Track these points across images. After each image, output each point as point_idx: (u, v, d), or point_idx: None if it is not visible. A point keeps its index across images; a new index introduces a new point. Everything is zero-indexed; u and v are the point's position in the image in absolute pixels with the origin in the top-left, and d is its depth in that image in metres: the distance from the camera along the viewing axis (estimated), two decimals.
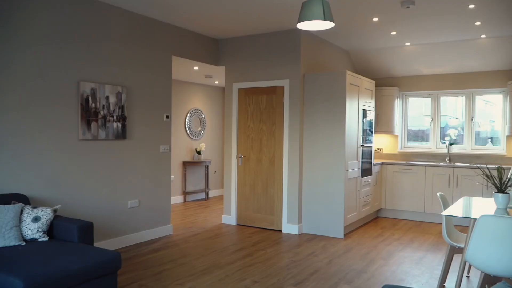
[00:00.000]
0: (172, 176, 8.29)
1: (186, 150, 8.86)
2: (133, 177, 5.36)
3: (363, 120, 6.51)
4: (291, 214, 6.12)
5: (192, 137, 8.96)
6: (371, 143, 6.89)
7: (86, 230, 3.71)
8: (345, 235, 6.00)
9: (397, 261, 4.82)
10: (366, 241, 5.73)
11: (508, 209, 3.62)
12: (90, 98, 4.75)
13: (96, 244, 4.86)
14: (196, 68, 7.12)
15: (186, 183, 8.79)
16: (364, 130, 6.57)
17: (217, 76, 8.09)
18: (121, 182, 5.20)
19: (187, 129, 8.82)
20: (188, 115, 8.84)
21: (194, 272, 4.32)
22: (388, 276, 4.29)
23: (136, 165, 5.40)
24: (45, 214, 3.70)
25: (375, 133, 7.59)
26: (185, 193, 8.74)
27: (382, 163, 7.38)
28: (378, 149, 8.05)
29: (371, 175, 6.87)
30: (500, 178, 3.56)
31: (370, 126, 6.86)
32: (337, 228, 5.92)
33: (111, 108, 5.01)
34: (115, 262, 3.33)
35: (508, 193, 3.58)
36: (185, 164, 8.72)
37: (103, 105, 4.91)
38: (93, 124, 4.80)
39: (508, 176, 3.82)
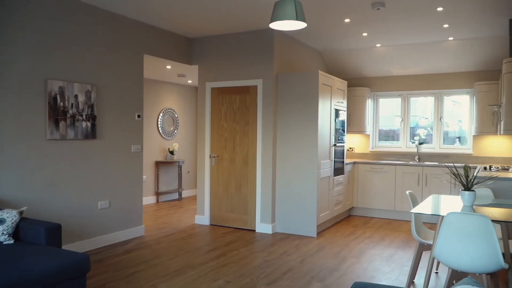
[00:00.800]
0: (144, 176, 8.16)
1: (159, 150, 8.75)
2: (103, 178, 5.25)
3: (335, 120, 6.58)
4: (265, 214, 6.14)
5: (165, 136, 8.86)
6: (343, 142, 6.97)
7: (53, 232, 3.61)
8: (317, 233, 6.06)
9: (368, 259, 4.89)
10: (338, 239, 5.80)
11: (474, 207, 3.72)
12: (58, 96, 4.62)
13: (65, 247, 4.73)
14: (168, 67, 7.04)
15: (159, 183, 8.68)
16: (336, 129, 6.65)
17: (190, 75, 8.02)
18: (91, 182, 5.09)
19: (159, 128, 8.71)
20: (161, 114, 8.74)
21: (167, 273, 4.27)
22: (360, 274, 4.35)
23: (107, 166, 5.30)
24: (11, 216, 3.58)
25: (347, 133, 7.69)
26: (157, 194, 8.63)
27: (354, 163, 7.48)
28: (350, 148, 8.16)
29: (343, 174, 6.96)
30: (467, 177, 3.66)
31: (342, 125, 6.94)
32: (310, 227, 5.96)
33: (80, 107, 4.89)
34: (83, 265, 3.25)
35: (474, 191, 3.68)
36: (158, 164, 8.61)
37: (72, 104, 4.79)
38: (62, 124, 4.68)
39: (474, 175, 3.93)
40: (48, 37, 4.55)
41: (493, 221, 3.01)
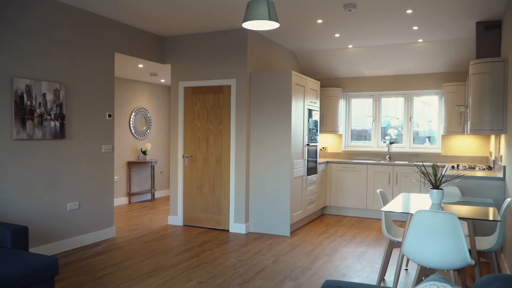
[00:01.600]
0: (115, 177, 8.03)
1: (131, 150, 8.62)
2: (72, 179, 5.13)
3: (308, 120, 6.63)
4: (238, 214, 6.13)
5: (137, 136, 8.73)
6: (317, 142, 7.04)
7: (20, 234, 3.50)
8: (291, 233, 6.09)
9: (340, 257, 4.95)
10: (311, 238, 5.85)
11: (442, 204, 3.82)
12: (25, 95, 4.49)
13: (32, 250, 4.60)
14: (140, 65, 6.94)
15: (131, 184, 8.55)
16: (309, 129, 6.70)
17: (163, 75, 7.93)
18: (59, 184, 4.96)
19: (131, 128, 8.58)
20: (133, 114, 8.60)
21: (138, 275, 4.20)
22: (332, 272, 4.40)
23: (76, 166, 5.18)
24: None
25: (320, 133, 7.77)
26: (129, 194, 8.50)
27: (327, 162, 7.56)
28: (323, 148, 8.25)
29: (316, 173, 7.02)
30: (435, 175, 3.75)
31: (315, 125, 7.00)
32: (283, 226, 5.99)
33: (49, 106, 4.76)
34: (51, 268, 3.17)
35: (442, 189, 3.77)
36: (130, 164, 8.48)
37: (40, 103, 4.66)
38: (29, 123, 4.54)
39: (442, 173, 4.03)
40: (14, 34, 4.41)
41: (460, 218, 3.09)
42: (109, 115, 5.64)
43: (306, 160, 6.57)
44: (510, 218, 4.07)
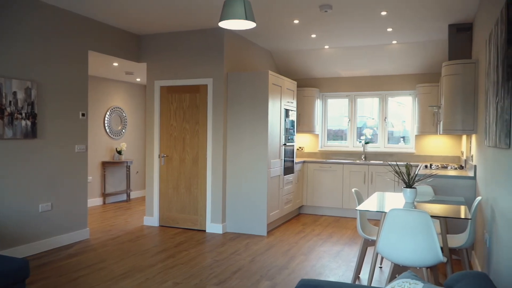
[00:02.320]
0: (89, 178, 7.88)
1: (106, 150, 8.47)
2: (45, 179, 5.01)
3: (285, 120, 6.66)
4: (215, 214, 6.10)
5: (112, 136, 8.59)
6: (293, 142, 7.07)
7: None
8: (268, 232, 6.10)
9: (316, 256, 4.99)
10: (288, 237, 5.87)
11: (415, 203, 3.89)
12: None
13: (2, 252, 4.47)
14: (115, 64, 6.84)
15: (106, 184, 8.41)
16: (286, 129, 6.73)
17: (139, 73, 7.83)
18: (31, 184, 4.84)
19: (106, 128, 8.44)
20: (108, 113, 8.46)
21: (113, 277, 4.14)
22: (308, 271, 4.43)
23: (49, 166, 5.06)
24: None
25: (297, 133, 7.81)
26: (104, 195, 8.36)
27: (304, 162, 7.61)
28: (299, 148, 8.30)
29: (293, 173, 7.05)
30: (408, 175, 3.82)
31: (292, 125, 7.04)
32: (260, 226, 6.00)
33: (19, 105, 4.64)
34: (22, 270, 3.08)
35: (415, 188, 3.85)
36: (105, 164, 8.33)
37: (10, 101, 4.53)
38: None
39: (416, 173, 4.11)
40: None
41: (432, 216, 3.16)
42: (83, 114, 5.53)
43: (283, 160, 6.60)
44: (481, 216, 4.18)
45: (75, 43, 5.39)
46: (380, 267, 4.55)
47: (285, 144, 6.65)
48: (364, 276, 4.24)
